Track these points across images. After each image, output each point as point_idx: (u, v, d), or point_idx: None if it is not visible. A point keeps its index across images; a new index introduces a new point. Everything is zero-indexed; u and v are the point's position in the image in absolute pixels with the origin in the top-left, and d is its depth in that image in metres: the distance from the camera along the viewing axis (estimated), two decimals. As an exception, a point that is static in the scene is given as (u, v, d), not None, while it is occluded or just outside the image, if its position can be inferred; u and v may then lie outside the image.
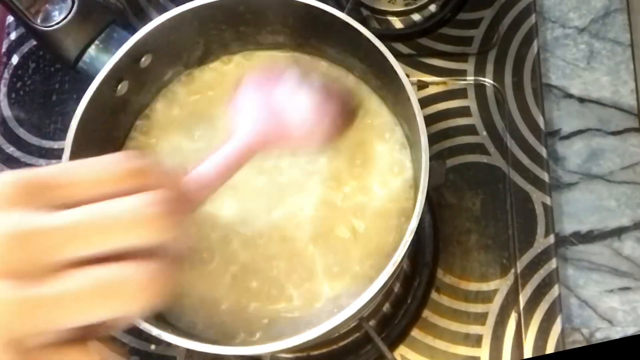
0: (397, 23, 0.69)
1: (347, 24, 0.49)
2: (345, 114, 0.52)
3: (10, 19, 0.71)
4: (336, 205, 0.52)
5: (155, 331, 0.42)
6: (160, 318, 0.48)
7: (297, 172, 0.53)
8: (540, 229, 0.60)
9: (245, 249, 0.51)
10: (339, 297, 0.50)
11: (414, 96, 0.46)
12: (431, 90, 0.65)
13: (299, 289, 0.50)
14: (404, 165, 0.53)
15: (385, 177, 0.53)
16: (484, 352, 0.56)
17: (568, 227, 0.61)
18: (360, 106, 0.54)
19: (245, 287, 0.50)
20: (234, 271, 0.51)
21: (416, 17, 0.69)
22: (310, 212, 0.52)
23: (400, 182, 0.53)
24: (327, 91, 0.48)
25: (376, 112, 0.55)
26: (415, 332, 0.57)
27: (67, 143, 0.46)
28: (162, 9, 0.67)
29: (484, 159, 0.62)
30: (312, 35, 0.54)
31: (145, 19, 0.50)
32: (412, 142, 0.52)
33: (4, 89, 0.68)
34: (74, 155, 0.46)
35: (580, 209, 0.62)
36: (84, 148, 0.48)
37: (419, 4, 0.69)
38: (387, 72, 0.48)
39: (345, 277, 0.50)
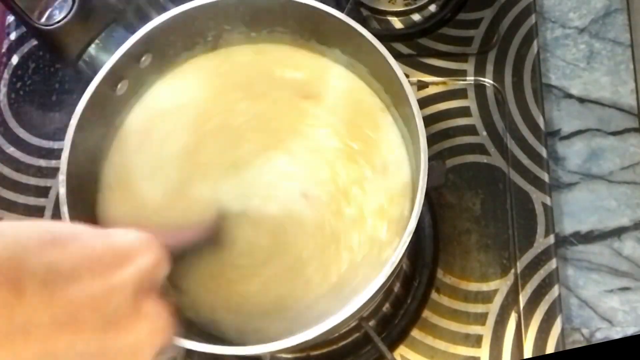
0: (397, 23, 0.69)
1: (347, 24, 0.49)
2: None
3: (10, 19, 0.71)
4: (334, 204, 0.52)
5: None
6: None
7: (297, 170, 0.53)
8: (540, 229, 0.60)
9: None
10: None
11: (413, 97, 0.46)
12: (431, 90, 0.65)
13: None
14: (404, 165, 0.53)
15: (384, 177, 0.53)
16: (484, 352, 0.56)
17: (568, 227, 0.61)
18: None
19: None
20: None
21: (416, 17, 0.69)
22: (308, 211, 0.52)
23: (400, 182, 0.53)
24: None
25: (376, 112, 0.55)
26: (415, 332, 0.57)
27: (66, 142, 0.46)
28: (162, 9, 0.67)
29: (484, 159, 0.62)
30: (312, 36, 0.54)
31: (145, 19, 0.50)
32: (411, 143, 0.52)
33: (4, 89, 0.68)
34: (74, 155, 0.46)
35: (580, 209, 0.61)
36: (83, 148, 0.48)
37: (419, 4, 0.69)
38: (386, 72, 0.48)
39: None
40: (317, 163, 0.53)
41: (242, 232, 0.51)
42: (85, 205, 0.49)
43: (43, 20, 0.50)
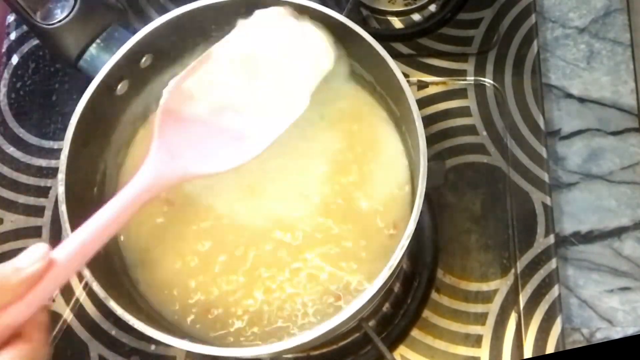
0: (397, 23, 0.69)
1: (346, 25, 0.49)
2: None
3: (10, 19, 0.71)
4: (332, 205, 0.52)
5: (150, 331, 0.42)
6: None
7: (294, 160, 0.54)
8: (540, 229, 0.60)
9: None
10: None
11: (413, 101, 0.46)
12: (431, 90, 0.65)
13: None
14: (403, 167, 0.53)
15: (382, 179, 0.53)
16: (484, 352, 0.56)
17: (568, 227, 0.61)
18: None
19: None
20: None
21: (416, 17, 0.69)
22: (305, 211, 0.52)
23: (398, 184, 0.53)
24: None
25: (376, 114, 0.55)
26: (415, 332, 0.57)
27: (66, 141, 0.46)
28: (163, 10, 0.67)
29: (484, 159, 0.62)
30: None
31: (146, 19, 0.50)
32: (410, 145, 0.52)
33: (4, 89, 0.68)
34: (73, 155, 0.46)
35: (580, 209, 0.62)
36: (83, 147, 0.48)
37: (419, 4, 0.69)
38: (386, 74, 0.48)
39: None
40: (315, 168, 0.54)
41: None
42: (85, 204, 0.49)
43: (45, 18, 0.50)
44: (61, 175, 0.46)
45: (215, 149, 0.46)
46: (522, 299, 0.58)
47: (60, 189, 0.45)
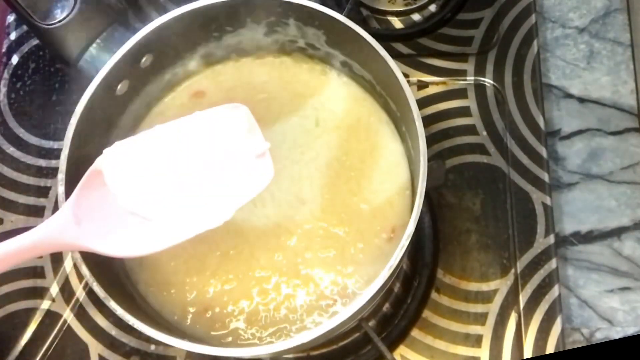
0: (397, 23, 0.69)
1: (346, 25, 0.49)
2: None
3: (10, 19, 0.71)
4: (329, 209, 0.53)
5: (150, 331, 0.42)
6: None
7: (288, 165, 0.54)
8: (540, 229, 0.60)
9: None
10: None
11: (413, 101, 0.46)
12: (431, 90, 0.65)
13: None
14: (402, 173, 0.53)
15: (381, 185, 0.53)
16: (484, 352, 0.56)
17: (568, 227, 0.61)
18: None
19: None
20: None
21: (416, 17, 0.69)
22: (301, 216, 0.53)
23: (396, 185, 0.53)
24: None
25: (375, 115, 0.55)
26: (415, 332, 0.57)
27: (66, 141, 0.46)
28: (163, 10, 0.67)
29: (484, 159, 0.62)
30: (315, 40, 0.54)
31: (146, 20, 0.50)
32: (410, 145, 0.52)
33: (4, 89, 0.68)
34: (73, 155, 0.46)
35: (580, 209, 0.62)
36: (83, 147, 0.48)
37: (419, 4, 0.69)
38: (386, 74, 0.48)
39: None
40: (315, 171, 0.54)
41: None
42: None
43: (45, 18, 0.50)
44: (61, 175, 0.46)
45: (121, 230, 0.43)
46: (522, 299, 0.58)
47: (60, 189, 0.45)
